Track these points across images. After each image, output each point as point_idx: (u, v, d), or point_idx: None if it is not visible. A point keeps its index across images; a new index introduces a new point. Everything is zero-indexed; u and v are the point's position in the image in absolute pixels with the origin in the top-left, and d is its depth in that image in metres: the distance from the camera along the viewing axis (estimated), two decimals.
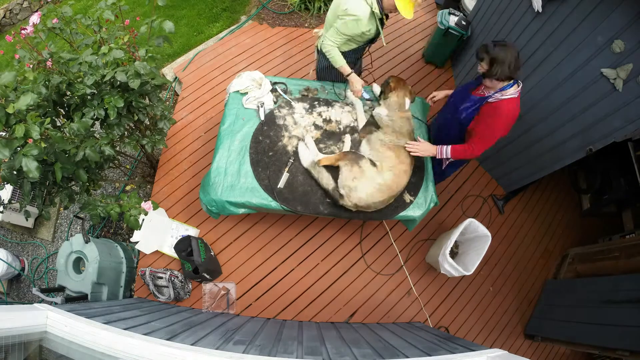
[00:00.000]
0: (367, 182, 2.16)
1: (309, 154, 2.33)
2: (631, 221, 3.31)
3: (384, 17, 2.26)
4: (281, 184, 2.28)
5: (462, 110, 2.17)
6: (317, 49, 2.57)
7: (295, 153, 2.38)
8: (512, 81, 1.94)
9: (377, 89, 2.65)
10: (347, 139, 2.44)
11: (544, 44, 2.51)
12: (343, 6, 2.16)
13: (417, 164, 2.44)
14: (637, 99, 2.11)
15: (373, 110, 2.43)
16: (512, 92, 1.94)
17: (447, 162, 2.42)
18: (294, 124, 2.48)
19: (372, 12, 2.14)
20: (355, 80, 2.43)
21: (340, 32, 2.24)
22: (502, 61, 1.83)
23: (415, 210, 2.35)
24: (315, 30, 2.65)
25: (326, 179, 2.24)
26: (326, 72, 2.65)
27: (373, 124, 2.36)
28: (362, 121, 2.48)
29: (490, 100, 2.00)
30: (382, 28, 2.29)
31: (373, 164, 2.23)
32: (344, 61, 2.36)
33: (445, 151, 2.19)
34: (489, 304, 3.09)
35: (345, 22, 2.18)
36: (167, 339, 1.46)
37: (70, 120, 1.90)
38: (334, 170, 2.26)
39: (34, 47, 1.87)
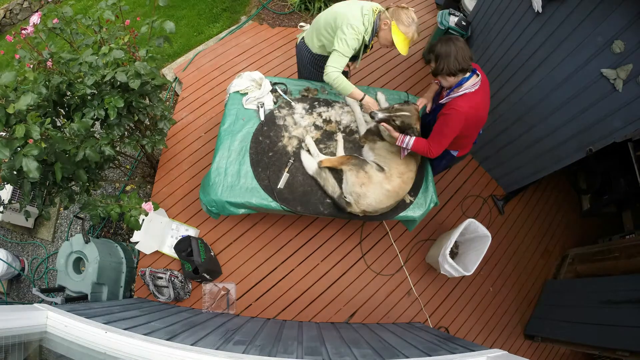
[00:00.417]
0: (376, 188, 2.15)
1: (312, 160, 2.32)
2: (631, 221, 3.31)
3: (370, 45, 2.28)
4: (281, 184, 2.28)
5: (429, 117, 2.22)
6: (298, 45, 2.52)
7: (295, 153, 2.38)
8: (467, 74, 1.89)
9: (381, 97, 2.62)
10: (340, 137, 2.44)
11: (544, 45, 2.51)
12: (347, 22, 2.10)
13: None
14: (637, 99, 2.11)
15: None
16: (469, 85, 1.89)
17: (406, 152, 2.22)
18: (294, 125, 2.48)
19: (364, 37, 2.15)
20: (371, 103, 2.30)
21: (345, 54, 2.13)
22: (447, 55, 1.81)
23: (416, 210, 2.35)
24: (302, 24, 2.61)
25: (332, 187, 2.23)
26: (308, 69, 2.58)
27: (376, 134, 2.33)
28: (361, 124, 2.47)
29: (443, 102, 2.01)
30: (362, 53, 2.33)
31: (380, 168, 2.22)
32: (353, 86, 2.24)
33: (408, 141, 2.11)
34: (489, 304, 3.08)
35: (352, 39, 2.11)
36: (167, 339, 1.46)
37: (71, 120, 1.90)
38: (337, 174, 2.25)
39: (34, 47, 1.87)
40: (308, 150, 2.37)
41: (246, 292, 2.80)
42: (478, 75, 1.93)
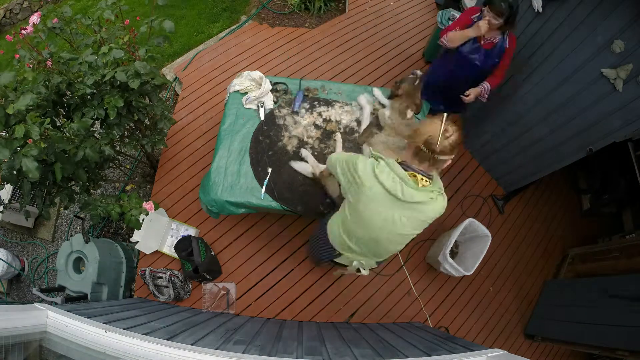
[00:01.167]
0: None
1: (304, 165, 2.29)
2: (631, 221, 3.31)
3: None
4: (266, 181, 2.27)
5: (484, 63, 2.39)
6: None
7: (295, 153, 2.37)
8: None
9: (377, 92, 2.58)
10: (339, 137, 2.41)
11: (544, 44, 2.51)
12: None
13: None
14: (637, 99, 2.11)
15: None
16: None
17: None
18: (294, 124, 2.48)
19: None
20: None
21: None
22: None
23: None
24: None
25: (332, 190, 2.19)
26: None
27: (375, 125, 2.32)
28: (365, 125, 2.45)
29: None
30: None
31: None
32: None
33: (487, 88, 2.46)
34: (489, 304, 3.08)
35: None
36: (167, 339, 1.46)
37: (70, 120, 1.90)
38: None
39: (34, 46, 1.86)
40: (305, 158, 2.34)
41: (246, 292, 2.80)
42: None
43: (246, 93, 2.55)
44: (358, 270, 1.74)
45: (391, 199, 1.39)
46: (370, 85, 2.88)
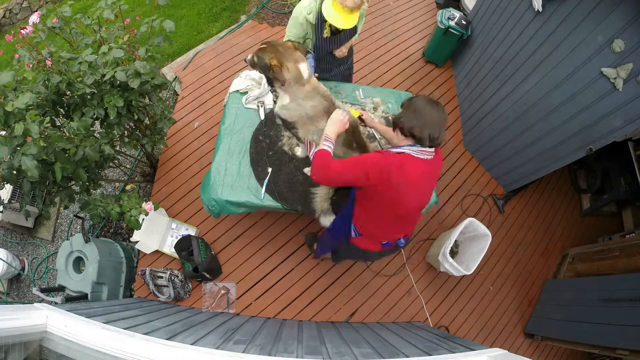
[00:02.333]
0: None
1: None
2: (631, 221, 3.32)
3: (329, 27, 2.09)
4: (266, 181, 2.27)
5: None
6: None
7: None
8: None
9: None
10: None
11: (544, 44, 2.51)
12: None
13: None
14: (637, 98, 2.11)
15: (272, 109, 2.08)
16: (415, 150, 1.51)
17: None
18: None
19: (306, 18, 2.08)
20: None
21: (288, 28, 2.21)
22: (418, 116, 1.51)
23: None
24: None
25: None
26: None
27: (285, 127, 1.99)
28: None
29: None
30: (322, 33, 2.12)
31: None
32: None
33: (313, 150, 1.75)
34: (489, 304, 3.09)
35: (293, 18, 2.16)
36: (167, 339, 1.46)
37: (70, 119, 1.90)
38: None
39: (34, 46, 1.86)
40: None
41: (246, 291, 2.80)
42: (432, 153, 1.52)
43: (246, 93, 2.55)
44: None
45: None
46: (370, 85, 2.87)
